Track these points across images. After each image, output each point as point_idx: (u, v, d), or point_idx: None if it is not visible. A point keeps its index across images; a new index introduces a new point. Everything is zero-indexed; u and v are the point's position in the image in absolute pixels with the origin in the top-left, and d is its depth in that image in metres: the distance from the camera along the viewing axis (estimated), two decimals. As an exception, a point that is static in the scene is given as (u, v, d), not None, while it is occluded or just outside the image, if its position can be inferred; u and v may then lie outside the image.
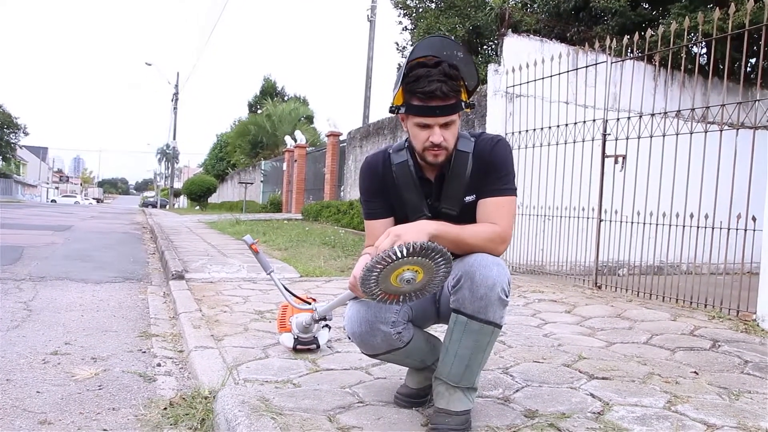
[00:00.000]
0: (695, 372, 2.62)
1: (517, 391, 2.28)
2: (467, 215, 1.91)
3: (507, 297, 1.76)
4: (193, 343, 2.95)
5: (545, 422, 1.93)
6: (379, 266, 1.38)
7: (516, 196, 1.91)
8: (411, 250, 1.34)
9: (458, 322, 1.77)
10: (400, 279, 1.43)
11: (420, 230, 1.64)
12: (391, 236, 1.59)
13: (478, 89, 1.95)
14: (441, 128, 1.81)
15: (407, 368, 2.14)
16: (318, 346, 2.82)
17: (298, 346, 2.78)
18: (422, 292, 1.50)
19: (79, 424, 2.06)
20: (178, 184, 47.00)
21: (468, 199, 1.92)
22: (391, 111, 1.92)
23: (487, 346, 1.81)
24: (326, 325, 2.86)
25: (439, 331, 2.30)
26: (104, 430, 2.03)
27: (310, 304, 2.70)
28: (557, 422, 1.93)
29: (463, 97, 1.86)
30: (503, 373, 2.52)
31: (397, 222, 2.01)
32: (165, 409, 2.19)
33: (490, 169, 1.88)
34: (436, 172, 1.95)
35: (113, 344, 3.13)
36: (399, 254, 1.35)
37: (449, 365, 1.83)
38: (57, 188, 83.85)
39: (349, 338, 1.94)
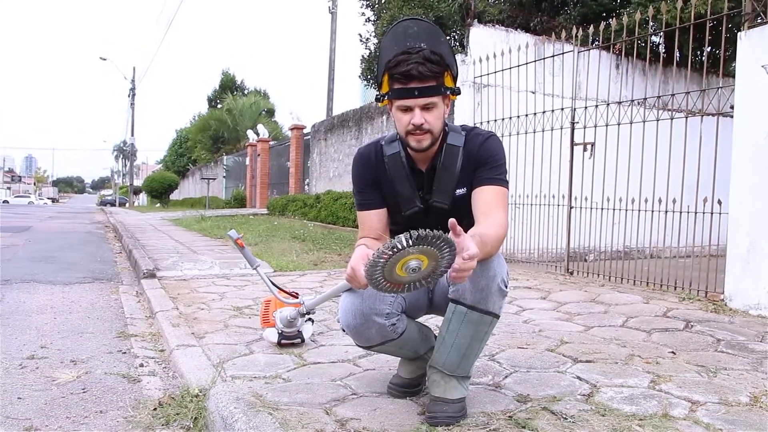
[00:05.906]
0: (673, 352, 2.71)
1: (506, 377, 2.31)
2: (459, 209, 1.92)
3: (506, 288, 1.78)
4: (174, 342, 2.91)
5: (538, 406, 1.97)
6: (385, 256, 1.39)
7: (508, 189, 1.92)
8: (416, 239, 1.35)
9: (457, 312, 1.78)
10: (405, 268, 1.43)
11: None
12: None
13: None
14: (422, 110, 1.81)
15: (399, 359, 2.14)
16: (302, 340, 2.81)
17: (283, 341, 2.76)
18: (426, 280, 1.51)
19: (67, 429, 2.01)
20: (137, 182, 46.00)
21: (459, 192, 1.93)
22: (376, 99, 1.93)
23: (485, 336, 1.83)
24: (309, 319, 2.85)
25: (426, 321, 2.31)
26: (94, 433, 1.99)
27: (296, 297, 2.68)
28: (550, 405, 1.97)
29: (448, 83, 1.86)
30: (490, 360, 2.55)
31: (390, 213, 2.01)
32: (155, 409, 2.15)
33: (484, 161, 1.89)
34: (428, 164, 1.96)
35: (91, 346, 3.06)
36: (405, 243, 1.35)
37: (446, 354, 1.84)
38: (9, 188, 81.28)
39: (344, 330, 1.94)
